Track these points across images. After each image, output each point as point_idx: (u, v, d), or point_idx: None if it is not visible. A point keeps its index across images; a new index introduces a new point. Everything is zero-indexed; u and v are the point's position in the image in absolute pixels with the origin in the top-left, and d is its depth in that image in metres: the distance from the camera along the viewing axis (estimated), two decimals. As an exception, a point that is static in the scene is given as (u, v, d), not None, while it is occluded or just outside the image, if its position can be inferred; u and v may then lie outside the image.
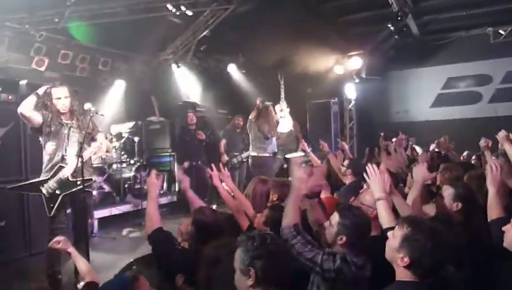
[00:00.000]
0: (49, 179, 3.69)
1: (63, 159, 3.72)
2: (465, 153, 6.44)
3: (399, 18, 6.71)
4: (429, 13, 8.36)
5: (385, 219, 2.32)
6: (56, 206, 3.66)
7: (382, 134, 6.59)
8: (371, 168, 2.49)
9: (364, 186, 3.17)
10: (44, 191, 3.68)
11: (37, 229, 4.86)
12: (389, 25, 7.27)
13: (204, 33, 7.95)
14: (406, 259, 1.78)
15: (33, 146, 4.39)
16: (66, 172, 3.76)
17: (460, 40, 9.05)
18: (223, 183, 3.52)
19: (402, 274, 1.81)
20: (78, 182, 3.78)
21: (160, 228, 2.70)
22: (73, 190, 3.76)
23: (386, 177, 2.51)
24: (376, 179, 2.46)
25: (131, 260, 3.26)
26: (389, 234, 1.98)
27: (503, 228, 2.03)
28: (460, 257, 2.12)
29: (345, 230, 2.19)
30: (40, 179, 3.70)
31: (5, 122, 4.88)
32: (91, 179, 4.10)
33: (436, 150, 6.50)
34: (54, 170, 3.71)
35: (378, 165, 2.56)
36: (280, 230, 2.24)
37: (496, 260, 2.22)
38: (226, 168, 3.76)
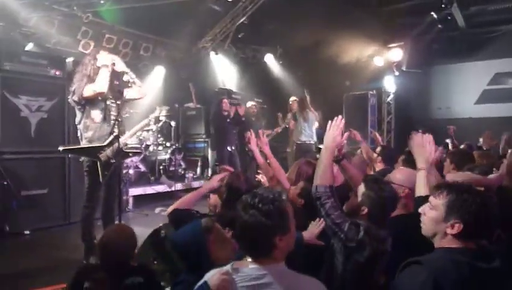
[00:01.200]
0: (106, 146, 3.78)
1: (113, 127, 3.80)
2: (510, 151, 6.10)
3: (443, 6, 6.45)
4: (477, 3, 7.99)
5: (423, 188, 2.27)
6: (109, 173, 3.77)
7: (420, 131, 6.40)
8: (418, 137, 2.41)
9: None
10: (102, 157, 3.78)
11: (76, 199, 5.10)
12: (432, 13, 7.01)
13: (242, 20, 8.01)
14: (458, 224, 1.67)
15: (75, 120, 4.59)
16: (122, 141, 3.90)
17: (510, 34, 8.59)
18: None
19: (447, 243, 1.71)
20: (130, 153, 4.08)
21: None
22: (126, 159, 3.91)
23: (432, 149, 2.42)
24: (422, 149, 2.38)
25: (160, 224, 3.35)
26: (423, 209, 1.84)
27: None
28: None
29: (368, 201, 2.16)
30: (98, 145, 3.76)
31: (52, 96, 5.18)
32: (140, 152, 4.33)
33: (479, 145, 6.25)
34: (110, 139, 3.80)
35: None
36: (313, 187, 2.20)
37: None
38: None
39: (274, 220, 1.53)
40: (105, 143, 3.77)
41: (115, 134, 3.79)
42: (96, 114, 3.79)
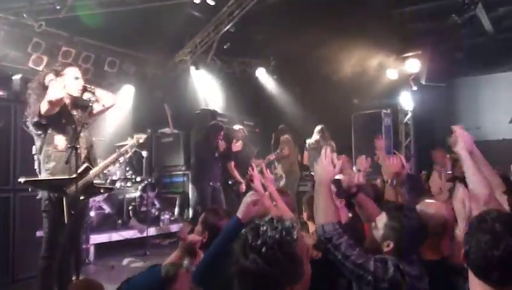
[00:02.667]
0: (75, 179, 3.71)
1: (78, 156, 3.74)
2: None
3: (465, 6, 6.63)
4: (506, 4, 8.21)
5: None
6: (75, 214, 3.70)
7: (448, 156, 6.43)
8: (461, 192, 2.43)
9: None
10: (69, 192, 3.71)
11: (23, 252, 4.97)
12: (454, 15, 7.18)
13: (227, 27, 8.14)
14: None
15: (25, 148, 4.52)
16: (92, 174, 3.89)
17: (547, 38, 8.81)
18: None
19: None
20: (102, 190, 4.05)
21: None
22: (96, 196, 3.88)
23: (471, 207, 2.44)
24: (462, 207, 2.39)
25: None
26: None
27: None
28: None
29: (392, 233, 2.19)
30: (68, 177, 3.69)
31: (-6, 121, 5.11)
32: (112, 189, 4.33)
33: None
34: (81, 169, 3.78)
35: None
36: (319, 228, 2.22)
37: None
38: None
39: (282, 268, 1.46)
40: (74, 175, 3.71)
41: (85, 165, 3.79)
42: (61, 140, 3.79)
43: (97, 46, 8.17)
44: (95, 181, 3.98)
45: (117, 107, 8.32)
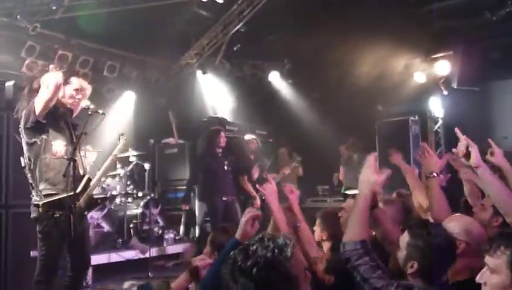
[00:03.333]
0: (80, 193, 3.80)
1: (73, 165, 3.77)
2: None
3: (500, 1, 6.62)
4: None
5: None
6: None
7: None
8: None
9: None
10: (74, 209, 3.76)
11: (16, 273, 4.99)
12: (487, 12, 7.18)
13: (237, 27, 8.20)
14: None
15: (18, 161, 4.59)
16: (93, 186, 3.97)
17: None
18: None
19: None
20: (99, 200, 4.14)
21: None
22: (96, 209, 3.95)
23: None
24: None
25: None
26: (481, 276, 1.91)
27: None
28: None
29: (416, 253, 2.19)
30: (73, 193, 3.73)
31: (-15, 132, 5.21)
32: (107, 198, 4.40)
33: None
34: (82, 183, 3.84)
35: None
36: (341, 245, 2.24)
37: None
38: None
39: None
40: (79, 189, 3.79)
41: (87, 177, 3.86)
42: (59, 146, 3.83)
43: (96, 49, 8.31)
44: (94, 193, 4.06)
45: (117, 115, 8.66)
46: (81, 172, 3.91)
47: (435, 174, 3.60)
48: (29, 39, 7.18)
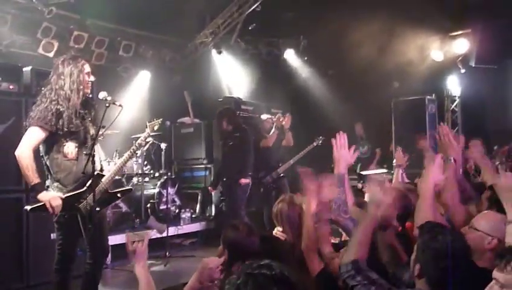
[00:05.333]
0: (85, 192, 3.76)
1: (93, 163, 3.77)
2: None
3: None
4: None
5: None
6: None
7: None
8: (509, 177, 2.45)
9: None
10: (82, 208, 3.75)
11: (37, 256, 5.11)
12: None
13: (253, 7, 8.08)
14: None
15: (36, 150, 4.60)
16: (106, 182, 3.92)
17: None
18: None
19: None
20: (119, 194, 4.06)
21: None
22: (112, 203, 3.94)
23: None
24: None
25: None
26: None
27: None
28: None
29: (421, 257, 2.18)
30: (76, 192, 3.73)
31: (3, 118, 5.23)
32: (131, 189, 4.62)
33: None
34: (90, 181, 3.77)
35: None
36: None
37: None
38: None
39: None
40: (84, 188, 3.75)
41: (96, 172, 3.77)
42: (71, 147, 3.76)
43: (111, 28, 8.26)
44: (110, 188, 4.03)
45: (133, 95, 8.65)
46: (93, 169, 3.80)
47: (452, 159, 3.56)
48: (45, 20, 7.16)
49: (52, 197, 3.58)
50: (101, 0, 7.24)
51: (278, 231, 3.52)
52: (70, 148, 3.77)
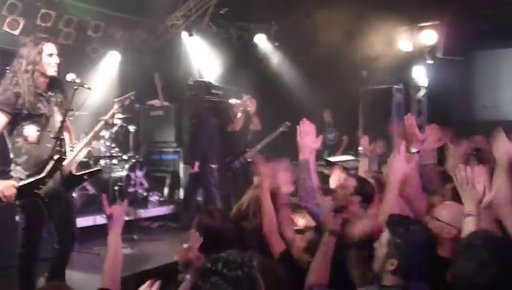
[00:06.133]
0: (46, 177, 3.66)
1: (60, 147, 3.70)
2: None
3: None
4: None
5: None
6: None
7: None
8: (465, 173, 2.49)
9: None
10: (42, 193, 3.65)
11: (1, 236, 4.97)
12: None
13: (225, -9, 8.00)
14: None
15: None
16: (69, 164, 3.81)
17: None
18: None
19: None
20: (85, 176, 3.98)
21: None
22: (80, 185, 3.85)
23: (482, 187, 2.52)
24: (470, 188, 2.46)
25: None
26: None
27: None
28: None
29: (396, 251, 2.22)
30: (34, 179, 3.63)
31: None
32: (100, 170, 4.61)
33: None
34: (50, 165, 3.67)
35: None
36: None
37: None
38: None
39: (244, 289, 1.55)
40: (43, 174, 3.65)
41: (56, 157, 3.66)
42: (31, 130, 3.68)
43: (80, 7, 8.00)
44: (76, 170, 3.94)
45: (101, 75, 8.48)
46: (60, 153, 3.74)
47: (415, 150, 3.66)
48: (10, -4, 6.91)
49: (4, 186, 3.48)
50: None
51: None
52: (30, 131, 3.68)
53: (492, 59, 9.79)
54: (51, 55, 3.75)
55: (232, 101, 8.17)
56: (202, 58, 9.47)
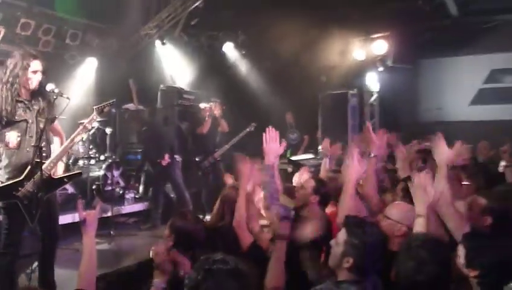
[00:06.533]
0: (23, 180, 3.60)
1: (39, 152, 3.62)
2: (502, 163, 6.34)
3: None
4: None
5: None
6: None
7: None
8: (419, 178, 2.59)
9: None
10: (21, 195, 3.60)
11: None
12: (421, 2, 7.34)
13: (196, 4, 8.00)
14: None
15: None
16: (48, 168, 3.75)
17: (509, 25, 9.08)
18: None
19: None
20: (66, 179, 3.92)
21: None
22: (59, 188, 3.85)
23: (433, 192, 2.62)
24: (422, 192, 2.55)
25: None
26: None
27: None
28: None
29: (352, 250, 2.23)
30: (11, 181, 3.58)
31: None
32: (80, 173, 4.52)
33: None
34: (27, 169, 3.62)
35: None
36: None
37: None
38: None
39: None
40: (21, 177, 3.61)
41: (35, 161, 3.62)
42: (12, 137, 3.63)
43: (59, 17, 7.88)
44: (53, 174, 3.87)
45: (79, 81, 8.37)
46: (40, 159, 3.67)
47: (372, 154, 3.79)
48: (-9, 6, 6.76)
49: None
50: None
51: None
52: (11, 137, 3.65)
53: (436, 67, 10.12)
54: (35, 72, 3.71)
55: (202, 105, 8.21)
56: (174, 65, 9.43)
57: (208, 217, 4.16)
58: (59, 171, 3.94)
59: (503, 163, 6.01)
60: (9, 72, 3.66)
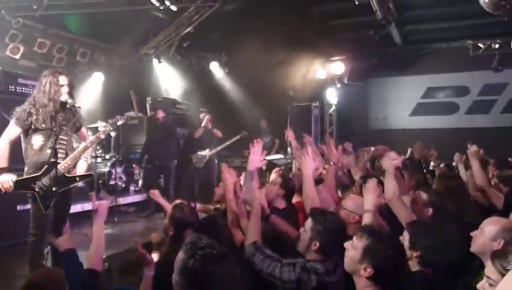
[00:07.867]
0: (40, 175, 3.50)
1: (55, 154, 3.52)
2: (442, 165, 6.48)
3: (383, 25, 6.86)
4: (412, 23, 8.57)
5: None
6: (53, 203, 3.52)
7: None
8: (372, 184, 2.59)
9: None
10: (37, 188, 3.49)
11: (3, 222, 4.72)
12: (371, 32, 7.43)
13: (187, 30, 7.88)
14: (369, 269, 1.85)
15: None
16: (62, 168, 3.62)
17: (441, 51, 9.32)
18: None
19: (363, 285, 1.87)
20: (77, 178, 3.78)
21: None
22: (72, 185, 3.69)
23: (382, 197, 2.64)
24: (373, 195, 2.55)
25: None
26: (347, 244, 2.01)
27: (472, 234, 2.17)
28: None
29: (318, 235, 2.23)
30: (30, 176, 3.49)
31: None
32: (91, 174, 4.24)
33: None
34: (44, 167, 3.51)
35: None
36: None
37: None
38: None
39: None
40: (39, 173, 3.51)
41: (52, 160, 3.51)
42: (37, 140, 3.55)
43: (70, 38, 7.65)
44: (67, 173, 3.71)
45: (88, 92, 8.14)
46: (55, 159, 3.56)
47: (332, 163, 3.84)
48: (12, 28, 6.47)
49: (3, 179, 3.36)
50: (61, 15, 6.69)
51: None
52: (36, 141, 3.56)
53: (382, 85, 10.27)
54: (62, 85, 3.66)
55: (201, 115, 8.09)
56: (169, 80, 9.29)
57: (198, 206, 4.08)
58: (81, 169, 3.86)
59: (432, 163, 6.31)
60: (42, 86, 3.62)
